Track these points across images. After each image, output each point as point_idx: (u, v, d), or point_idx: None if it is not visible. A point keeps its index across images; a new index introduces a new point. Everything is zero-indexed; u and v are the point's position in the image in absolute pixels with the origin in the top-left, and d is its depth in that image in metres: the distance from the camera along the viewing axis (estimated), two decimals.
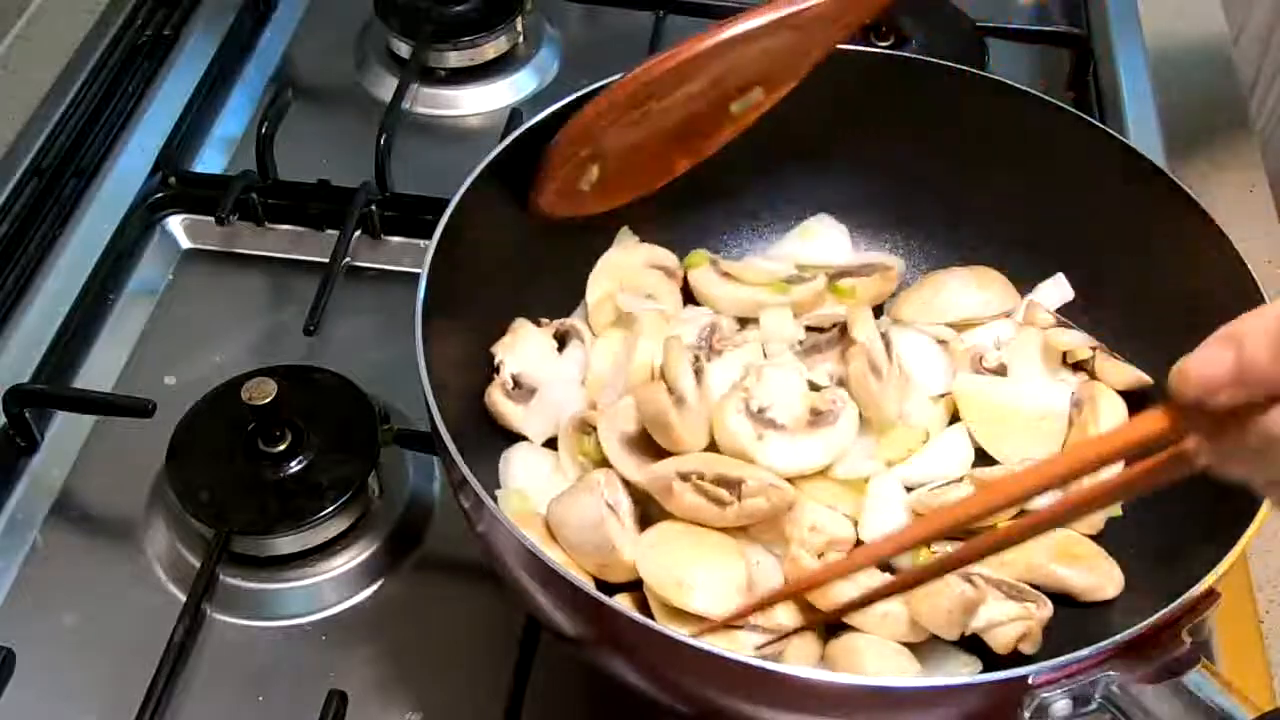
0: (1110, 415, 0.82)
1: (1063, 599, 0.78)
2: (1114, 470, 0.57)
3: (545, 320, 0.89)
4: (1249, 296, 0.77)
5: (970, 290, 0.91)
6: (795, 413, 0.81)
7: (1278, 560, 0.89)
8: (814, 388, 0.84)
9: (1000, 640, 0.74)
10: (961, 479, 0.80)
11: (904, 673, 0.73)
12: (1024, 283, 0.93)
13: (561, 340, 0.89)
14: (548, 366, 0.87)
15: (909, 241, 0.97)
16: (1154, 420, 0.51)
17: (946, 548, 0.76)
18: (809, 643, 0.75)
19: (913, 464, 0.83)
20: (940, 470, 0.82)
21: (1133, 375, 0.85)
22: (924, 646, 0.76)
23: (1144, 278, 0.87)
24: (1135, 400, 0.85)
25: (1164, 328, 0.84)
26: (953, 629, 0.73)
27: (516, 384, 0.85)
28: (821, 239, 0.96)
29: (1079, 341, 0.87)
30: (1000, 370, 0.87)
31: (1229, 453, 0.46)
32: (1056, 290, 0.92)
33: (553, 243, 0.89)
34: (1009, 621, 0.74)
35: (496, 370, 0.85)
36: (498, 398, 0.84)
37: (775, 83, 0.89)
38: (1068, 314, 0.90)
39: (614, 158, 0.87)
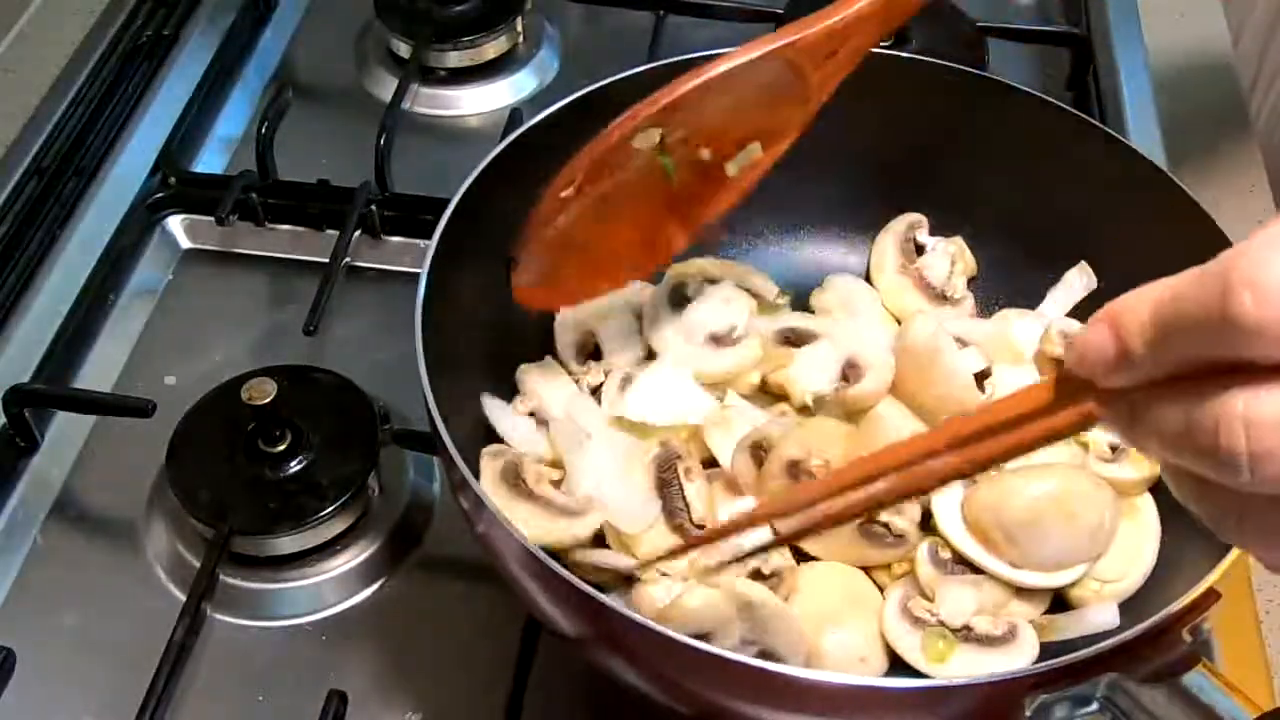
0: None
1: (1061, 601, 0.79)
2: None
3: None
4: None
5: None
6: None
7: None
8: None
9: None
10: None
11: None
12: (1021, 282, 0.93)
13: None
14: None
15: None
16: (1042, 393, 0.49)
17: None
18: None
19: None
20: None
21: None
22: None
23: (1144, 278, 0.87)
24: None
25: None
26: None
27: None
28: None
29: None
30: None
31: (1136, 429, 0.43)
32: (1082, 278, 0.90)
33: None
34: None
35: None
36: None
37: (774, 136, 0.82)
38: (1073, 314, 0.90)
39: (598, 234, 0.80)
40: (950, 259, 0.93)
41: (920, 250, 0.94)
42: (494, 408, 0.84)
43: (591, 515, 0.77)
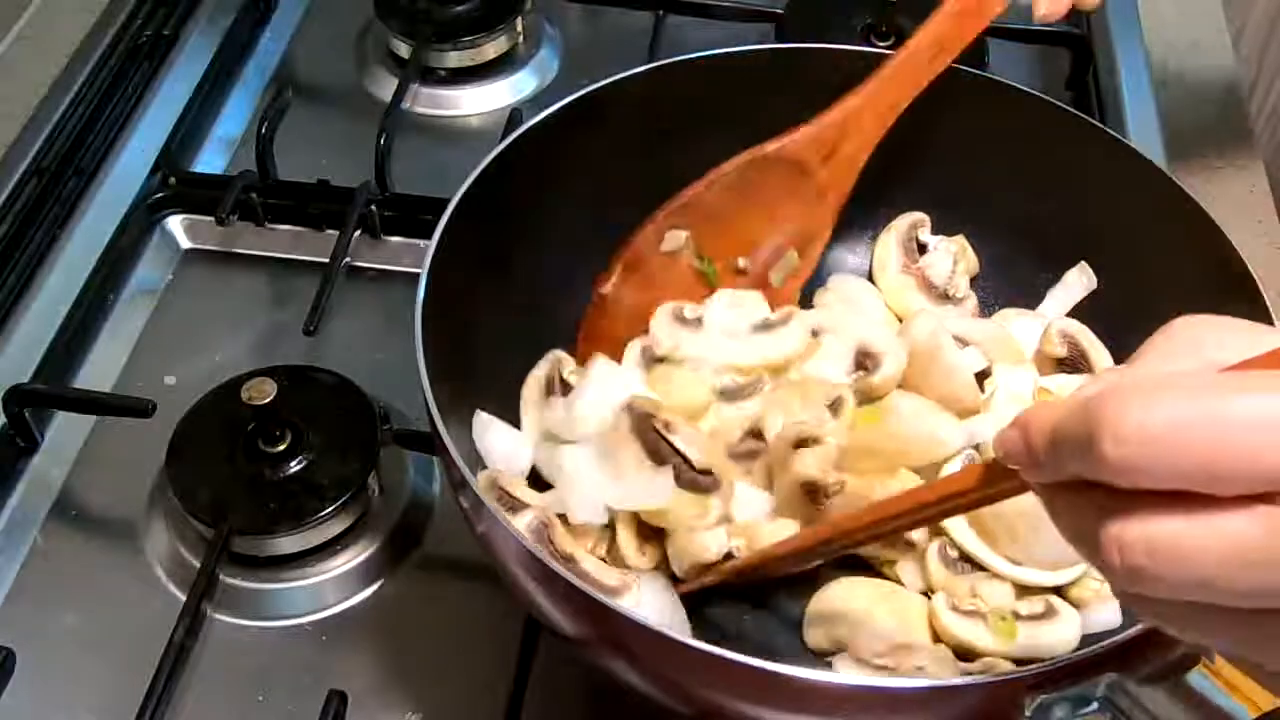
0: None
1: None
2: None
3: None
4: (1249, 297, 0.77)
5: None
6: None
7: None
8: None
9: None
10: None
11: None
12: (1021, 282, 0.93)
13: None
14: None
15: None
16: (981, 475, 0.56)
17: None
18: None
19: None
20: None
21: None
22: None
23: (1144, 278, 0.87)
24: None
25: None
26: None
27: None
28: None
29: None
30: None
31: (1057, 518, 0.48)
32: (1082, 278, 0.91)
33: (554, 241, 0.89)
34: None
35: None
36: None
37: (806, 240, 0.88)
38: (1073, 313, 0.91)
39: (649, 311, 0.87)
40: (953, 258, 0.93)
41: (923, 249, 0.94)
42: (480, 424, 0.83)
43: (629, 595, 0.77)
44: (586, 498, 0.78)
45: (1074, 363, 0.87)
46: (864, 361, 0.86)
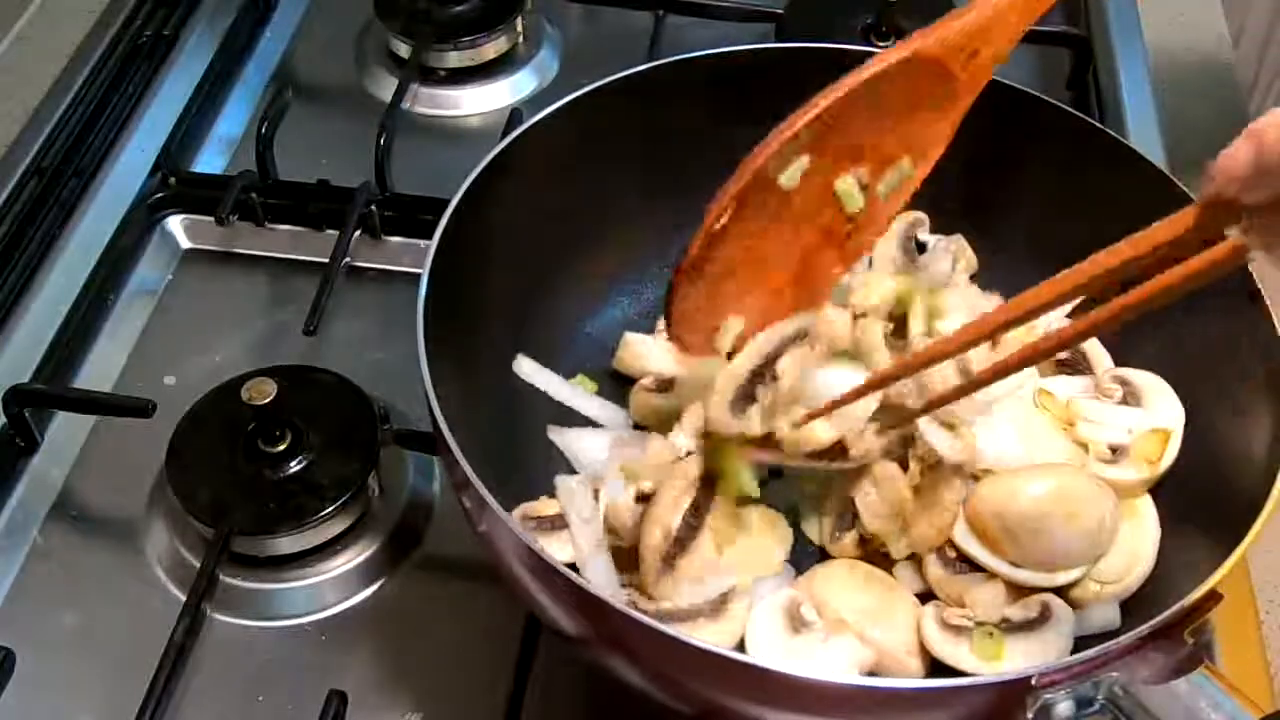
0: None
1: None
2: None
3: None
4: (1249, 295, 0.77)
5: None
6: None
7: (1278, 561, 0.89)
8: None
9: None
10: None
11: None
12: (1020, 281, 0.93)
13: None
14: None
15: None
16: (1185, 218, 0.52)
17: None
18: None
19: None
20: None
21: None
22: None
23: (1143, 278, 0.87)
24: None
25: (1163, 328, 0.84)
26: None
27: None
28: None
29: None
30: None
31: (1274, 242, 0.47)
32: None
33: (553, 242, 0.89)
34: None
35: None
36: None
37: (923, 149, 0.78)
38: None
39: (754, 269, 0.77)
40: (952, 256, 0.93)
41: (921, 248, 0.94)
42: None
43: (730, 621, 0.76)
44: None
45: (1074, 364, 0.87)
46: None
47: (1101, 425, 0.83)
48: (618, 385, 0.91)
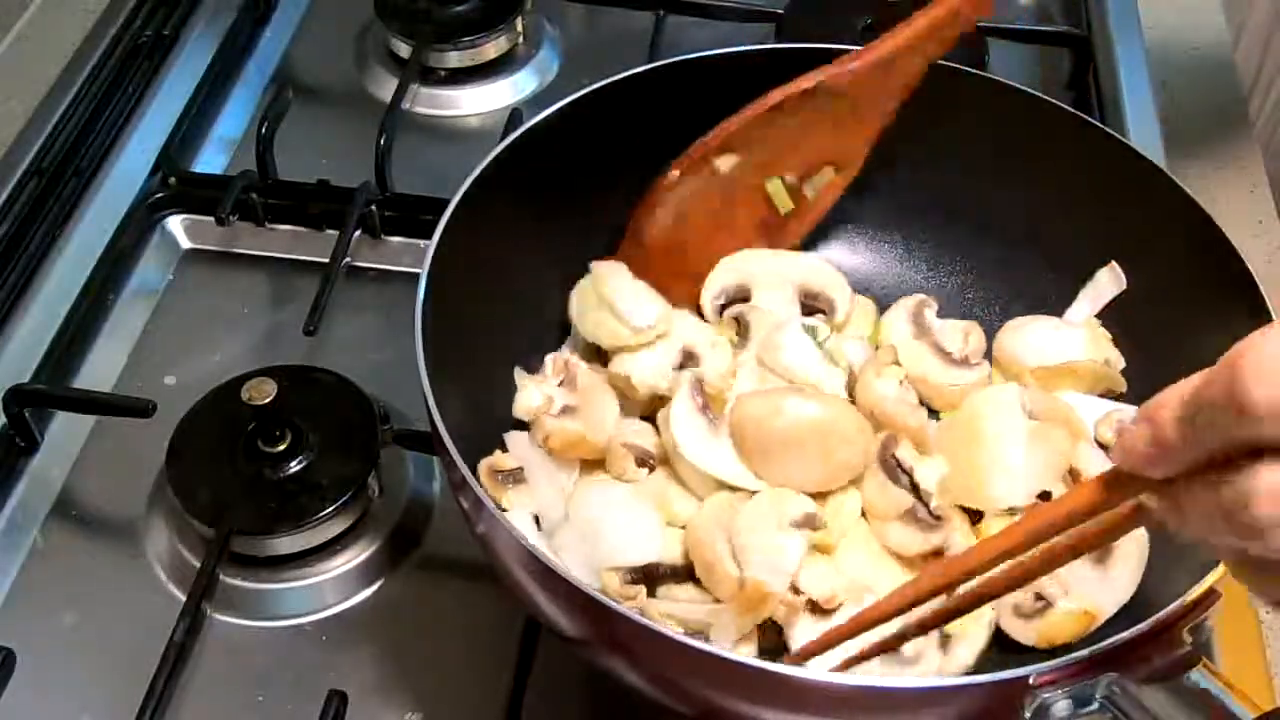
0: None
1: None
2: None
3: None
4: (1249, 297, 0.77)
5: None
6: None
7: None
8: None
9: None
10: None
11: None
12: (1021, 284, 0.93)
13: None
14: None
15: (907, 242, 0.97)
16: (1098, 488, 0.55)
17: None
18: None
19: None
20: None
21: None
22: None
23: (1144, 278, 0.87)
24: None
25: (1163, 328, 0.84)
26: None
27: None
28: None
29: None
30: None
31: (1184, 516, 0.48)
32: (1112, 279, 0.89)
33: (554, 242, 0.89)
34: None
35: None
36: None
37: (844, 160, 0.90)
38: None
39: (696, 233, 0.91)
40: (963, 334, 0.91)
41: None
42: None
43: None
44: None
45: None
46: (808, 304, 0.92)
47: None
48: None
